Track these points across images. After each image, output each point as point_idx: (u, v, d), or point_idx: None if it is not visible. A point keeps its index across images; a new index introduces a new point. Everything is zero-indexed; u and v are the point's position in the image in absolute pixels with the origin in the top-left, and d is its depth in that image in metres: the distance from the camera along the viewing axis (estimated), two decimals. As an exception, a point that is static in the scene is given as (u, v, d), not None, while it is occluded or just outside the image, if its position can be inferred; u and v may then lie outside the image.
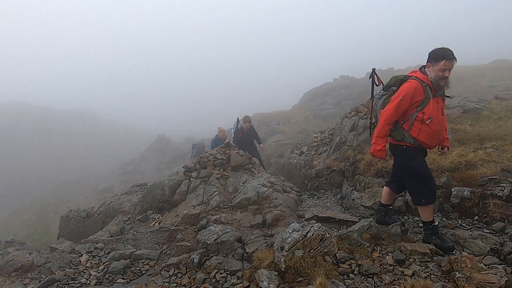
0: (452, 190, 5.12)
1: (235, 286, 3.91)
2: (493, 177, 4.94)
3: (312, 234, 3.88)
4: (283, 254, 3.81)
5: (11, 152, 35.50)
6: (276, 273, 3.74)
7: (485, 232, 4.31)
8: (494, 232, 4.35)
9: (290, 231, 4.04)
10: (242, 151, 8.35)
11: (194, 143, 14.43)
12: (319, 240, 3.85)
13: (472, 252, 4.00)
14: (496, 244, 3.98)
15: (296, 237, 3.88)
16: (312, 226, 4.01)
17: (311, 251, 3.78)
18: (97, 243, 5.99)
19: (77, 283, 4.79)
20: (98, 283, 4.79)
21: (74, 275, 5.04)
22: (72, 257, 5.66)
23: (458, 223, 4.75)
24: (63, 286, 4.73)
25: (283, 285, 3.56)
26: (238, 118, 10.06)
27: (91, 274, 5.04)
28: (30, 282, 4.88)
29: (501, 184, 4.77)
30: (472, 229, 4.52)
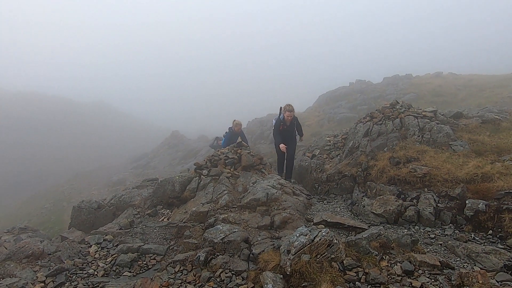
0: (467, 202, 4.99)
1: (240, 287, 3.90)
2: (511, 191, 4.80)
3: (320, 239, 3.84)
4: (289, 257, 3.78)
5: (29, 141, 36.44)
6: (281, 276, 3.71)
7: (499, 248, 4.19)
8: (508, 248, 4.22)
9: (298, 234, 4.01)
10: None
11: (217, 136, 14.44)
12: (326, 246, 3.81)
13: (485, 267, 3.90)
14: (510, 261, 3.86)
15: (303, 241, 3.85)
16: (320, 231, 3.96)
17: (318, 256, 3.74)
18: (106, 235, 6.08)
19: (85, 273, 4.87)
20: (105, 275, 4.85)
21: (82, 265, 5.12)
22: (81, 247, 5.76)
23: (471, 236, 4.63)
24: (71, 275, 4.81)
25: (287, 289, 3.53)
26: (281, 108, 8.34)
27: (98, 265, 5.11)
28: (40, 269, 4.98)
29: (519, 199, 4.62)
30: (485, 244, 4.39)
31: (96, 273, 4.91)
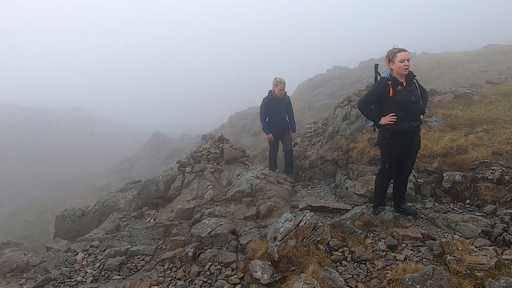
0: (444, 175, 5.15)
1: (230, 278, 3.92)
2: (484, 160, 4.98)
3: (305, 223, 3.89)
4: (276, 244, 3.82)
5: (7, 153, 35.28)
6: (270, 263, 3.75)
7: (477, 215, 4.35)
8: (485, 214, 4.40)
9: (283, 221, 4.05)
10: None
11: (204, 134, 14.09)
12: (311, 229, 3.86)
13: (464, 235, 4.05)
14: (487, 226, 4.03)
15: (288, 227, 3.89)
16: (304, 216, 4.01)
17: (304, 240, 3.79)
18: (92, 241, 5.98)
19: (73, 281, 4.79)
20: (94, 280, 4.79)
21: (70, 274, 5.03)
22: (67, 256, 5.65)
23: (450, 207, 4.78)
24: (59, 284, 4.73)
25: (276, 275, 3.57)
26: (377, 66, 4.21)
27: (87, 272, 5.03)
28: (26, 282, 4.87)
29: (492, 167, 4.80)
30: (463, 213, 4.55)
31: (84, 279, 4.83)
